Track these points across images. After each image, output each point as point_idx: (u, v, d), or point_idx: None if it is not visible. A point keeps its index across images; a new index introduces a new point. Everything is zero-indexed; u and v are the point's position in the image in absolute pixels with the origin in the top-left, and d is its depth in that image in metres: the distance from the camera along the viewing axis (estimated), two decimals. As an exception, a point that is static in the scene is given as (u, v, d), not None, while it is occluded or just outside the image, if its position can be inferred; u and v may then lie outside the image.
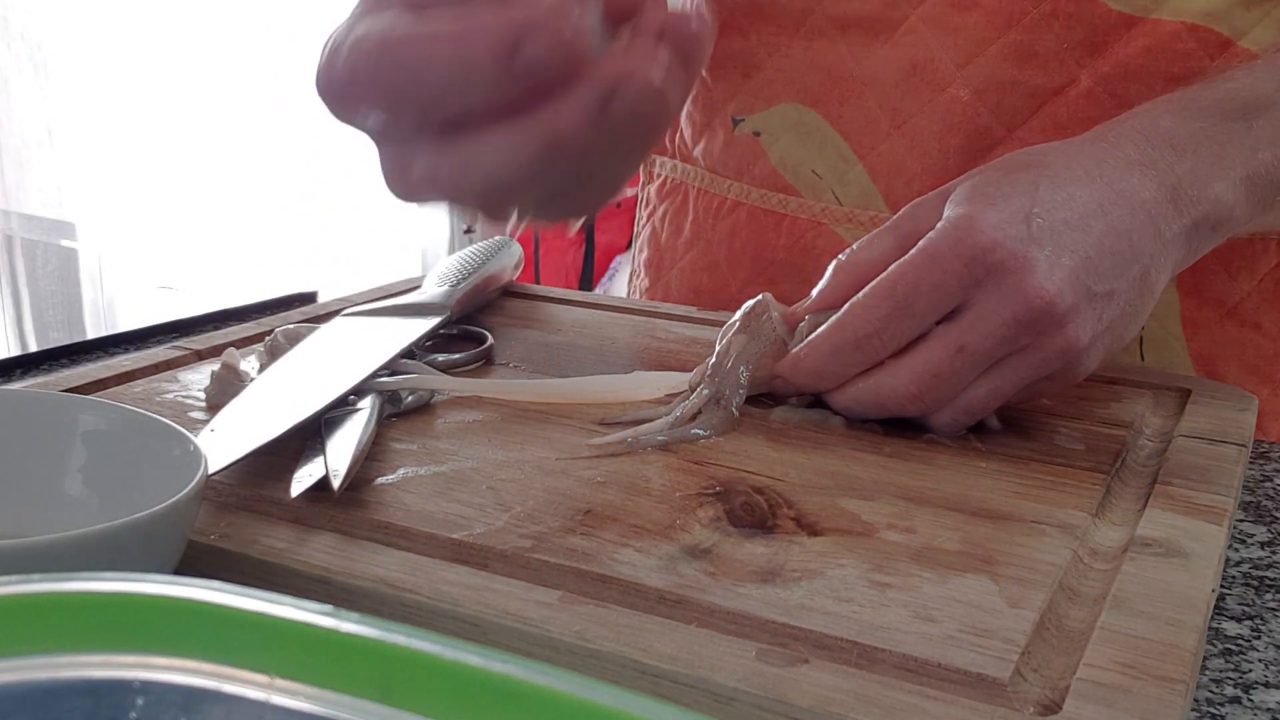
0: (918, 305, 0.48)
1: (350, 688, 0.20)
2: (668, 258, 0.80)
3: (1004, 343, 0.48)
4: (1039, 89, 0.64)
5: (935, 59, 0.66)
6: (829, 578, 0.38)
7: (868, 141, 0.69)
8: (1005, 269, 0.47)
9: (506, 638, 0.35)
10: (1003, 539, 0.41)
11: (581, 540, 0.40)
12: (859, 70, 0.69)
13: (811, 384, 0.52)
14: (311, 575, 0.38)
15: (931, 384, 0.49)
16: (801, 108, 0.71)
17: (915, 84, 0.67)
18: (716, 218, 0.76)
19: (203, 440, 0.42)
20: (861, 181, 0.69)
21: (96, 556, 0.32)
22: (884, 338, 0.49)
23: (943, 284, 0.48)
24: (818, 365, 0.51)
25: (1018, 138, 0.65)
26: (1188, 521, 0.43)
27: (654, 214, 0.82)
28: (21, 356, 0.68)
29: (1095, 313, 0.49)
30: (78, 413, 0.41)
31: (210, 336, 0.62)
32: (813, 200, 0.71)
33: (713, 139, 0.76)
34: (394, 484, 0.44)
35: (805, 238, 0.72)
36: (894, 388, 0.49)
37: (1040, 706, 0.32)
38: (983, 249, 0.47)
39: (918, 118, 0.67)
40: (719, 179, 0.76)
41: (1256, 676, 0.38)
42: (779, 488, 0.45)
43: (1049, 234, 0.48)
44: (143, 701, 0.21)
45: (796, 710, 0.31)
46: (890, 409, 0.50)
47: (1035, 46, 0.64)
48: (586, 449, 0.48)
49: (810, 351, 0.52)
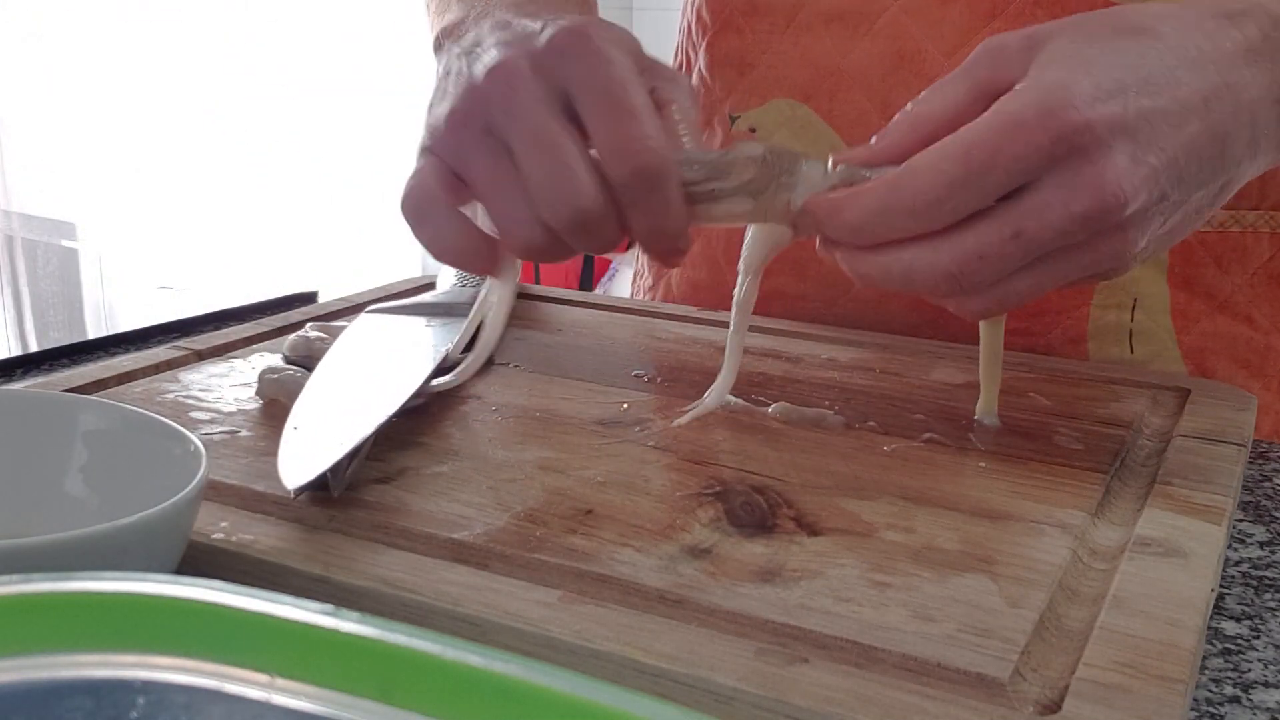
0: (990, 178, 0.43)
1: (350, 687, 0.21)
2: None
3: (1063, 236, 0.43)
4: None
5: (922, 49, 0.67)
6: (829, 577, 0.38)
7: (858, 134, 0.69)
8: (1087, 156, 0.43)
9: (506, 638, 0.35)
10: (1002, 539, 0.41)
11: (581, 540, 0.40)
12: (846, 63, 0.69)
13: (842, 236, 0.46)
14: (312, 575, 0.38)
15: (975, 266, 0.44)
16: (794, 103, 0.72)
17: (903, 75, 0.68)
18: None
19: (287, 438, 0.44)
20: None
21: (96, 556, 0.32)
22: (945, 208, 0.44)
23: (1022, 159, 0.43)
24: (858, 220, 0.45)
25: None
26: (1187, 521, 0.43)
27: None
28: (22, 356, 0.68)
29: (1161, 219, 0.45)
30: (78, 413, 0.42)
31: (210, 336, 0.63)
32: None
33: (712, 137, 0.77)
34: (394, 484, 0.44)
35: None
36: (932, 263, 0.44)
37: (1040, 706, 0.32)
38: (1073, 128, 0.42)
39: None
40: None
41: (1255, 676, 0.38)
42: (779, 488, 0.45)
43: (1143, 123, 0.43)
44: (143, 701, 0.21)
45: (796, 710, 0.31)
46: (918, 285, 0.45)
47: None
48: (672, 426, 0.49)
49: (853, 204, 0.45)
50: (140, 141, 2.41)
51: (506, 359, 0.61)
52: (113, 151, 2.36)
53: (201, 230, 2.48)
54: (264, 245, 2.60)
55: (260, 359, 0.59)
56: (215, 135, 2.53)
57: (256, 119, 2.59)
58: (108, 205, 2.33)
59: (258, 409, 0.52)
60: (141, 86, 2.38)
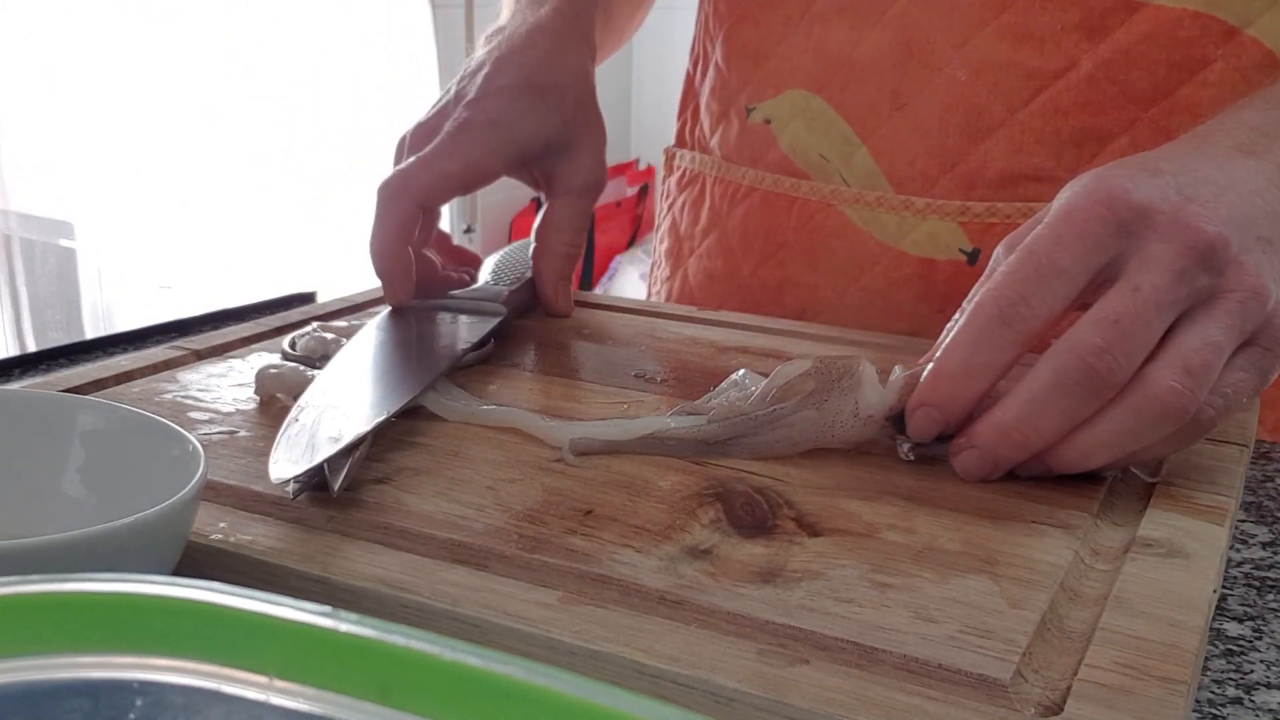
0: (1064, 260, 0.43)
1: (349, 688, 0.20)
2: (686, 245, 0.82)
3: (1181, 277, 0.42)
4: (1037, 71, 0.65)
5: (930, 40, 0.67)
6: (829, 578, 0.38)
7: (870, 124, 0.70)
8: (1155, 209, 0.43)
9: (506, 638, 0.35)
10: (1003, 539, 0.41)
11: (581, 540, 0.40)
12: (857, 54, 0.70)
13: (956, 390, 0.44)
14: (311, 575, 0.38)
15: (1115, 331, 0.42)
16: (807, 94, 0.72)
17: (912, 65, 0.68)
18: (731, 204, 0.78)
19: (285, 430, 0.44)
20: (866, 164, 0.70)
21: (96, 557, 0.32)
22: (1033, 302, 0.43)
23: (1087, 234, 0.43)
24: (961, 362, 0.44)
25: (1019, 120, 0.66)
26: (1189, 522, 0.43)
27: (674, 205, 0.84)
28: (20, 356, 0.68)
29: (1267, 257, 0.44)
30: (77, 413, 0.41)
31: (209, 336, 0.62)
32: (821, 183, 0.72)
33: (728, 128, 0.78)
34: (394, 484, 0.44)
35: (814, 219, 0.73)
36: (1072, 346, 0.42)
37: (1041, 708, 0.32)
38: (1124, 190, 0.43)
39: (917, 99, 0.68)
40: (734, 167, 0.77)
41: (1258, 677, 0.38)
42: (779, 488, 0.45)
43: (1191, 187, 0.44)
44: (141, 702, 0.21)
45: (797, 711, 0.31)
46: (1074, 379, 0.42)
47: (1030, 28, 0.65)
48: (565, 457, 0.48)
49: (949, 351, 0.45)
50: (139, 141, 2.41)
51: (506, 359, 0.61)
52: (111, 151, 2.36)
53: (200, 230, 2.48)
54: (263, 245, 2.60)
55: (259, 359, 0.59)
56: (214, 135, 2.53)
57: (256, 119, 2.59)
58: (106, 205, 2.33)
59: (256, 409, 0.52)
60: (140, 86, 2.38)
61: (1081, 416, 0.43)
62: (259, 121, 2.59)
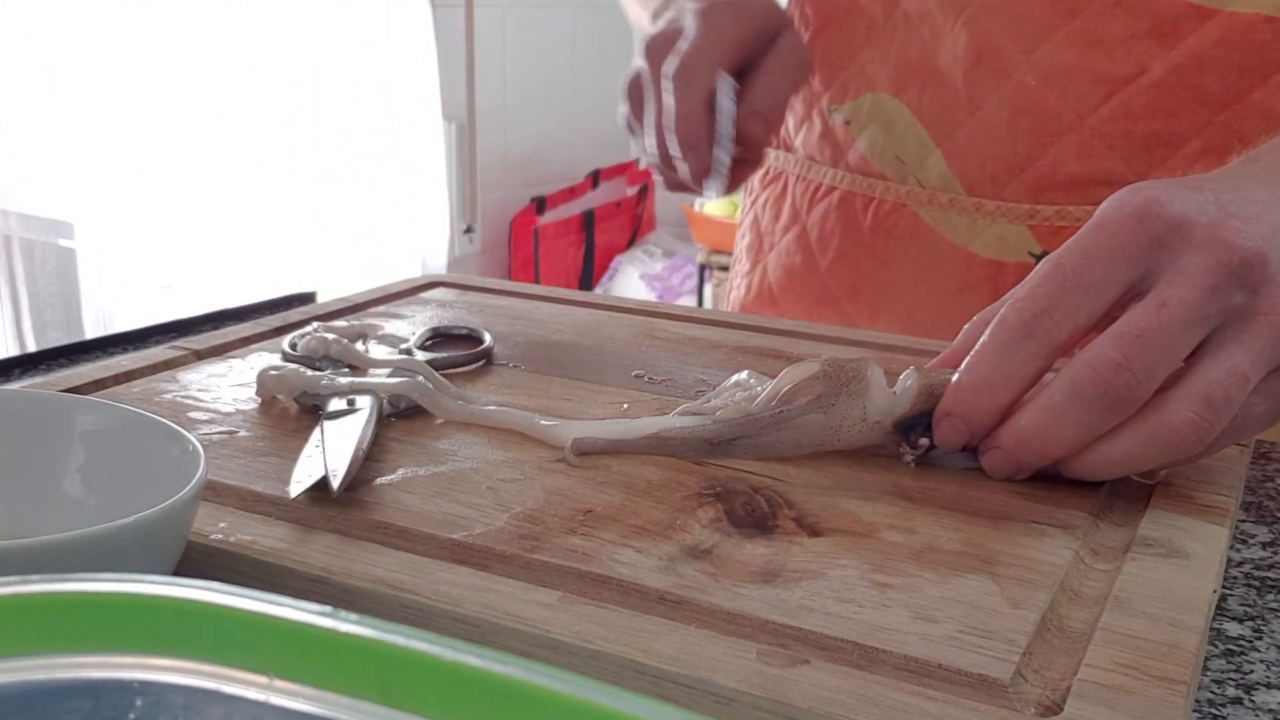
0: (1090, 274, 0.42)
1: (349, 688, 0.20)
2: (766, 241, 0.84)
3: (1211, 294, 0.41)
4: (1107, 76, 0.65)
5: (1000, 46, 0.68)
6: (829, 578, 0.38)
7: (944, 128, 0.71)
8: (1191, 223, 0.42)
9: (506, 638, 0.35)
10: (1003, 539, 0.41)
11: (581, 540, 0.40)
12: (934, 59, 0.71)
13: (980, 401, 0.44)
14: (311, 575, 0.38)
15: (1137, 346, 0.41)
16: (886, 96, 0.74)
17: (982, 71, 0.68)
18: (811, 202, 0.79)
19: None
20: (939, 167, 0.71)
21: (95, 557, 0.32)
22: (1056, 316, 0.42)
23: (1116, 248, 0.42)
24: (985, 374, 0.44)
25: (1089, 125, 0.66)
26: (1189, 522, 0.43)
27: (756, 201, 0.86)
28: (20, 356, 0.68)
29: None
30: (76, 413, 0.41)
31: (209, 336, 0.62)
32: (897, 184, 0.74)
33: (811, 129, 0.79)
34: (393, 484, 0.44)
35: (889, 219, 0.74)
36: (1090, 360, 0.42)
37: (1041, 707, 0.32)
38: (1158, 204, 0.42)
39: (988, 104, 0.69)
40: (815, 165, 0.79)
41: (1258, 677, 0.38)
42: (779, 488, 0.45)
43: (1233, 204, 0.43)
44: (141, 702, 0.21)
45: (797, 711, 0.31)
46: (1091, 393, 0.42)
47: (1100, 34, 0.65)
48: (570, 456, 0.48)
49: (972, 364, 0.44)
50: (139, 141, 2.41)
51: (506, 359, 0.61)
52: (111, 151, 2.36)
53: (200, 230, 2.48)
54: (263, 245, 2.60)
55: (259, 359, 0.59)
56: (214, 135, 2.53)
57: (256, 119, 2.59)
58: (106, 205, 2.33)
59: (256, 409, 0.52)
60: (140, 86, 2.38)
61: (1099, 430, 0.43)
62: (259, 121, 2.59)
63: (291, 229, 2.65)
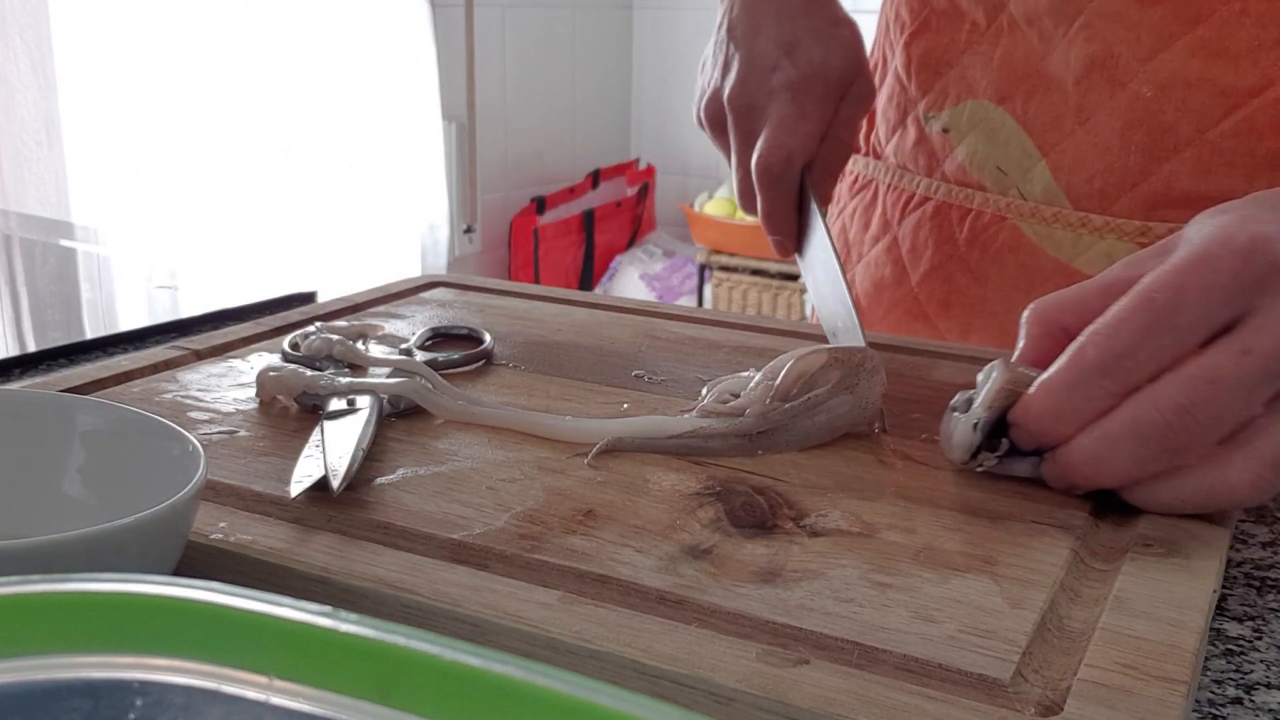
0: (1183, 316, 0.40)
1: (349, 688, 0.20)
2: (854, 251, 0.81)
3: None
4: (1231, 88, 0.62)
5: (1115, 54, 0.64)
6: (829, 578, 0.38)
7: (1051, 138, 0.68)
8: None
9: (506, 638, 0.35)
10: (1003, 539, 0.41)
11: (581, 540, 0.40)
12: (1043, 66, 0.68)
13: (1046, 428, 0.43)
14: (311, 575, 0.38)
15: (1208, 392, 0.39)
16: (989, 104, 0.71)
17: (1095, 79, 0.65)
18: (903, 213, 0.77)
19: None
20: (1044, 179, 0.68)
21: (95, 556, 0.32)
22: (1139, 356, 0.40)
23: (1215, 286, 0.40)
24: (1055, 404, 0.42)
25: (1209, 140, 0.63)
26: (1189, 522, 0.43)
27: (843, 210, 0.83)
28: (20, 356, 0.68)
29: None
30: (76, 413, 0.41)
31: (209, 336, 0.62)
32: (997, 195, 0.71)
33: (904, 136, 0.76)
34: (394, 484, 0.44)
35: (987, 232, 0.71)
36: (1155, 398, 0.40)
37: (1041, 707, 0.32)
38: (1267, 241, 0.40)
39: (1099, 114, 0.65)
40: (908, 174, 0.76)
41: (1258, 677, 0.38)
42: (779, 488, 0.45)
43: None
44: (142, 702, 0.21)
45: (797, 711, 0.31)
46: (1150, 433, 0.40)
47: (1225, 44, 0.61)
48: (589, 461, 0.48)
49: (1044, 390, 0.43)
50: (139, 141, 2.41)
51: (506, 359, 0.61)
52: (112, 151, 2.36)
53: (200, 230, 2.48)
54: (263, 245, 2.60)
55: (259, 359, 0.59)
56: (215, 135, 2.53)
57: (256, 119, 2.59)
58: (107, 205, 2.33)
59: (256, 409, 0.52)
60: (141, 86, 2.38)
61: (1153, 469, 0.41)
62: (259, 121, 2.59)
63: (291, 229, 2.66)
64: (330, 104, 2.71)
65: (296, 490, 0.42)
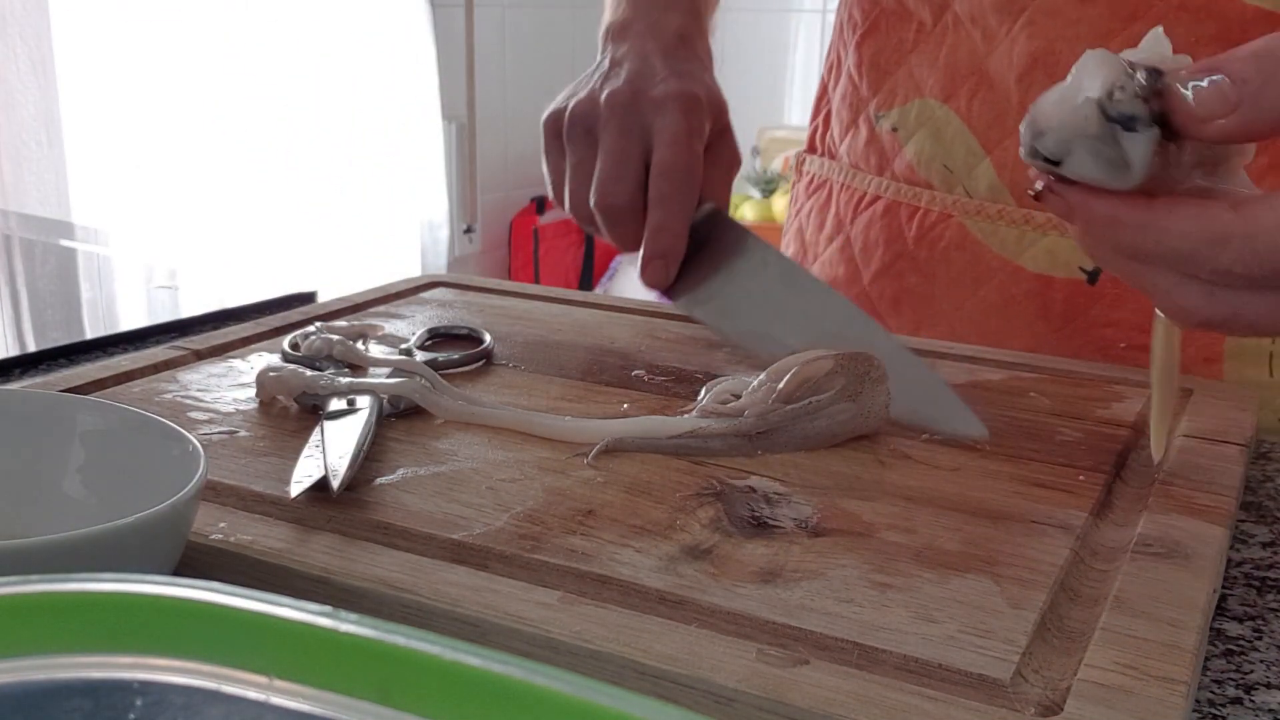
0: None
1: (349, 688, 0.20)
2: (810, 251, 0.82)
3: None
4: None
5: (1056, 51, 0.65)
6: (829, 578, 0.38)
7: (994, 136, 0.69)
8: None
9: (506, 638, 0.35)
10: (1003, 539, 0.41)
11: (581, 540, 0.40)
12: (986, 64, 0.69)
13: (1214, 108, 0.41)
14: (311, 575, 0.38)
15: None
16: (935, 103, 0.72)
17: (1037, 76, 0.66)
18: (855, 212, 0.77)
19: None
20: (988, 176, 0.69)
21: (96, 556, 0.32)
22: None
23: None
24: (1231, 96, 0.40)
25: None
26: (1189, 522, 0.43)
27: (800, 210, 0.84)
28: (20, 356, 0.68)
29: None
30: (76, 413, 0.41)
31: (209, 336, 0.62)
32: (944, 193, 0.72)
33: (856, 136, 0.78)
34: (394, 484, 0.44)
35: (934, 230, 0.72)
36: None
37: (1041, 707, 0.32)
38: None
39: None
40: (860, 174, 0.77)
41: (1258, 677, 0.38)
42: (779, 488, 0.45)
43: None
44: (142, 702, 0.21)
45: (797, 711, 0.31)
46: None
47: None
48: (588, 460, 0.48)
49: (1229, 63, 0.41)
50: (139, 140, 2.41)
51: (506, 359, 0.61)
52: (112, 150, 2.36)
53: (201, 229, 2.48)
54: (263, 245, 2.60)
55: (259, 359, 0.59)
56: (215, 135, 2.53)
57: (256, 118, 2.59)
58: (107, 204, 2.33)
59: (256, 409, 0.52)
60: (141, 86, 2.38)
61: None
62: (259, 121, 2.59)
63: (291, 229, 2.66)
64: (330, 103, 2.71)
65: (296, 490, 0.42)
